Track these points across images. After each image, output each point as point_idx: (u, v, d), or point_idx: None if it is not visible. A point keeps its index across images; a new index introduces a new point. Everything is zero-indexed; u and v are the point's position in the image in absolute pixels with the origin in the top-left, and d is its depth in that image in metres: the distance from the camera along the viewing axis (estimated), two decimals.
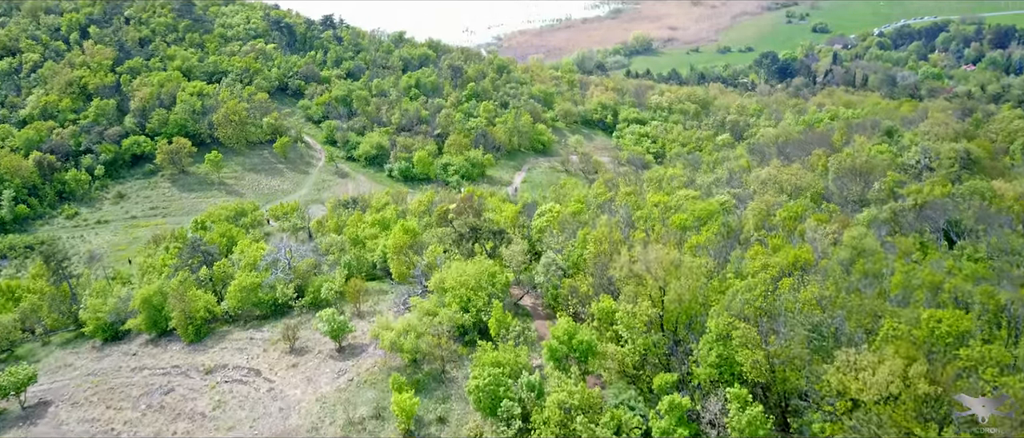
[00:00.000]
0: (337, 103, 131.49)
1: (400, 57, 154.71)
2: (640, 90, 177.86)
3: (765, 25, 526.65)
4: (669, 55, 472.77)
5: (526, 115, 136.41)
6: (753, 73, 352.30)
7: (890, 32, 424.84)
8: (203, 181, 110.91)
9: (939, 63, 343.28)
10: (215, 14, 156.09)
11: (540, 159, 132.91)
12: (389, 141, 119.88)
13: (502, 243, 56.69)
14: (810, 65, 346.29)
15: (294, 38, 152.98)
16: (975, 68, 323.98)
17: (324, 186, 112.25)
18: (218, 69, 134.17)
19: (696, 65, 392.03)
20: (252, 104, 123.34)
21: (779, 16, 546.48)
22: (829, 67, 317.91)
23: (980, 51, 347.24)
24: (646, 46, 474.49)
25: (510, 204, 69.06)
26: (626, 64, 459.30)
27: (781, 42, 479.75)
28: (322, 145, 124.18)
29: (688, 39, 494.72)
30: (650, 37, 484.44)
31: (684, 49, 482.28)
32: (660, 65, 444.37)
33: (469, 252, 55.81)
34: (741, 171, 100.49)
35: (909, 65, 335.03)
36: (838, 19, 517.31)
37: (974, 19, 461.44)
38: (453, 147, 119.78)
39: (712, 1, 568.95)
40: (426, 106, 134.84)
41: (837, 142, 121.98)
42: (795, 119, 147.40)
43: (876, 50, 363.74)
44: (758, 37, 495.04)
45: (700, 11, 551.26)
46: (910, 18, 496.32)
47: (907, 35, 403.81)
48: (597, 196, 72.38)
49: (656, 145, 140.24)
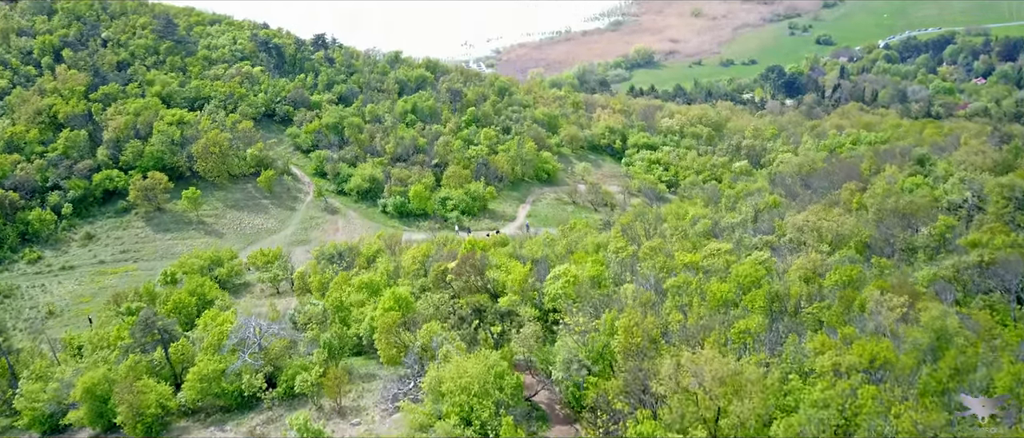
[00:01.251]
0: (327, 131, 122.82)
1: (396, 79, 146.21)
2: (648, 111, 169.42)
3: (767, 37, 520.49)
4: (671, 68, 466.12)
5: (529, 142, 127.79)
6: (759, 87, 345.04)
7: (896, 44, 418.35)
8: (180, 220, 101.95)
9: (949, 76, 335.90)
10: (200, 34, 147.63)
11: (545, 189, 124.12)
12: (383, 173, 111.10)
13: (511, 325, 47.75)
14: (817, 79, 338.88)
15: (283, 60, 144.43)
16: (986, 82, 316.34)
17: (312, 224, 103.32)
18: (200, 95, 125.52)
19: (700, 79, 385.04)
20: (235, 134, 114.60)
21: (781, 28, 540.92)
22: (837, 81, 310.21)
23: (989, 64, 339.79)
24: (648, 59, 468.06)
25: (517, 263, 60.10)
26: (627, 77, 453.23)
27: (784, 54, 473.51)
28: (311, 177, 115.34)
29: (690, 52, 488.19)
30: (651, 50, 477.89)
31: (686, 62, 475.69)
32: (662, 78, 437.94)
33: (471, 338, 46.84)
34: (768, 209, 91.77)
35: (919, 79, 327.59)
36: (841, 31, 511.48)
37: (979, 30, 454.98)
38: (452, 179, 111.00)
39: (713, 13, 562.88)
40: (423, 133, 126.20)
41: (866, 172, 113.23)
42: (815, 144, 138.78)
43: (883, 63, 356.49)
44: (760, 49, 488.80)
45: (701, 23, 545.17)
46: (914, 30, 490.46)
47: (913, 47, 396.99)
48: (617, 251, 63.44)
49: (669, 173, 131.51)
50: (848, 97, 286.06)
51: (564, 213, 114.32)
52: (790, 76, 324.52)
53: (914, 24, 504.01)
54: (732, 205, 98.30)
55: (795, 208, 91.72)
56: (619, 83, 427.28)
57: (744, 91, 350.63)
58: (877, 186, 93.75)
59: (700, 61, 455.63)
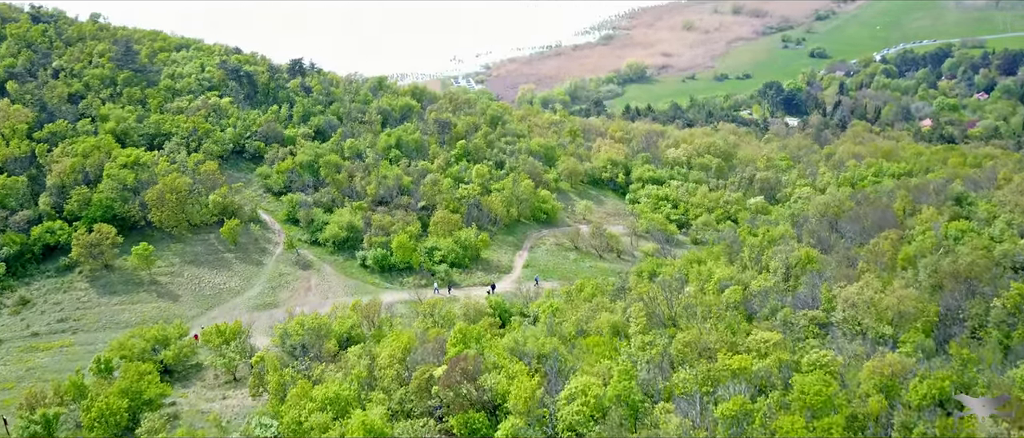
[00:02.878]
0: (302, 170, 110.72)
1: (378, 109, 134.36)
2: (650, 137, 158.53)
3: (760, 50, 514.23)
4: (664, 83, 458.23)
5: (525, 179, 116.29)
6: (756, 104, 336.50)
7: (892, 57, 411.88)
8: (129, 279, 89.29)
9: (950, 92, 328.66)
10: (164, 62, 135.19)
11: (544, 231, 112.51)
12: (363, 220, 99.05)
13: None
14: (815, 95, 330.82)
15: (255, 89, 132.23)
16: (989, 97, 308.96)
17: (281, 282, 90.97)
18: (161, 130, 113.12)
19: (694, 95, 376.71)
20: (198, 176, 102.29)
21: (774, 41, 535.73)
22: (837, 98, 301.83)
23: (990, 78, 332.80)
24: (640, 74, 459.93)
25: (520, 367, 48.25)
26: (620, 93, 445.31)
27: (778, 68, 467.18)
28: (282, 224, 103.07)
29: (683, 66, 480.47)
30: (644, 65, 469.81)
31: (679, 76, 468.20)
32: (656, 94, 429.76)
33: None
34: (801, 266, 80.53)
35: (920, 94, 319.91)
36: (835, 43, 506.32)
37: (975, 42, 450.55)
38: (440, 225, 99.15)
39: (705, 26, 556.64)
40: (408, 171, 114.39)
41: (899, 213, 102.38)
42: (834, 177, 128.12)
43: (883, 78, 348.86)
44: (754, 63, 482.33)
45: (694, 37, 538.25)
46: (909, 42, 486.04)
47: (911, 61, 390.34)
48: (643, 347, 51.71)
49: (678, 211, 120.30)
50: (850, 114, 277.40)
51: (566, 261, 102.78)
52: (789, 92, 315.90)
53: (908, 36, 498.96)
54: (757, 257, 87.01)
55: (833, 264, 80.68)
56: (612, 99, 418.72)
57: (741, 107, 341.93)
58: (925, 240, 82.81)
59: (694, 75, 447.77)
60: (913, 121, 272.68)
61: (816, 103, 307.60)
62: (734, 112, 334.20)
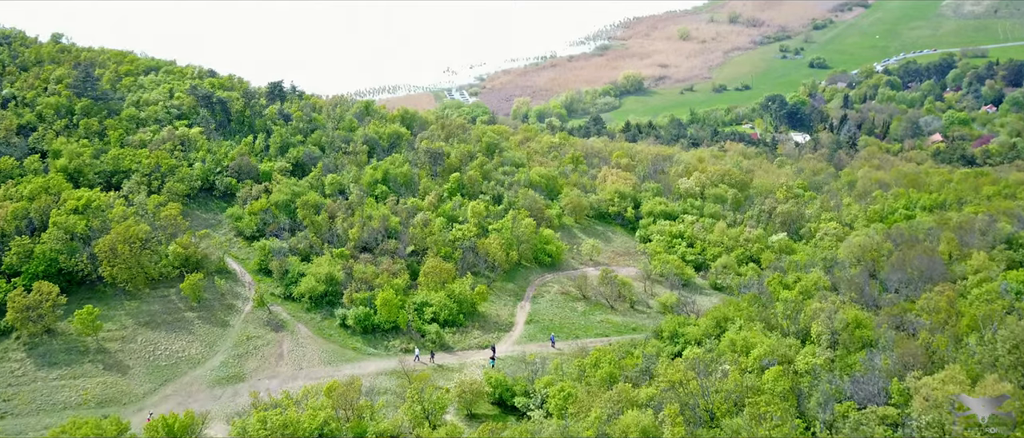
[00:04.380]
0: (277, 211, 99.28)
1: (365, 137, 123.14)
2: (657, 162, 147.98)
3: (758, 61, 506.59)
4: (662, 95, 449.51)
5: (526, 217, 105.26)
6: (758, 118, 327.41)
7: (895, 68, 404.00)
8: (73, 347, 77.47)
9: (957, 104, 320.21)
10: (128, 88, 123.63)
11: (547, 276, 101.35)
12: (343, 270, 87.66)
13: None
14: (819, 108, 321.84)
15: (228, 117, 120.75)
16: (998, 110, 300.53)
17: (249, 348, 79.32)
18: (120, 167, 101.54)
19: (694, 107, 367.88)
20: (158, 222, 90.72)
21: (772, 51, 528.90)
22: (843, 113, 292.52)
23: (998, 90, 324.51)
24: (637, 86, 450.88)
25: None
26: (617, 105, 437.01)
27: (777, 78, 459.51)
28: (253, 275, 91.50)
29: (680, 77, 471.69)
30: (641, 76, 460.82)
31: (677, 88, 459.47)
32: (654, 106, 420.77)
33: None
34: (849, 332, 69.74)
35: (926, 106, 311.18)
36: (833, 54, 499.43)
37: (977, 51, 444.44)
38: (432, 275, 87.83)
39: (702, 36, 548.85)
40: (396, 210, 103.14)
41: (945, 256, 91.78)
42: (862, 210, 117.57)
43: (887, 91, 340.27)
44: (752, 74, 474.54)
45: (690, 47, 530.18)
46: (909, 52, 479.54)
47: (914, 72, 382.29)
48: None
49: (694, 250, 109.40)
50: (857, 130, 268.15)
51: (574, 314, 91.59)
52: (792, 106, 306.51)
53: (908, 45, 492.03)
54: (791, 316, 76.08)
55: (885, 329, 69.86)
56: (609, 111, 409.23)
57: (743, 121, 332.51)
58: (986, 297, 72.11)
59: (692, 87, 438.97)
60: (923, 136, 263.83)
61: (821, 117, 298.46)
62: (736, 126, 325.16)
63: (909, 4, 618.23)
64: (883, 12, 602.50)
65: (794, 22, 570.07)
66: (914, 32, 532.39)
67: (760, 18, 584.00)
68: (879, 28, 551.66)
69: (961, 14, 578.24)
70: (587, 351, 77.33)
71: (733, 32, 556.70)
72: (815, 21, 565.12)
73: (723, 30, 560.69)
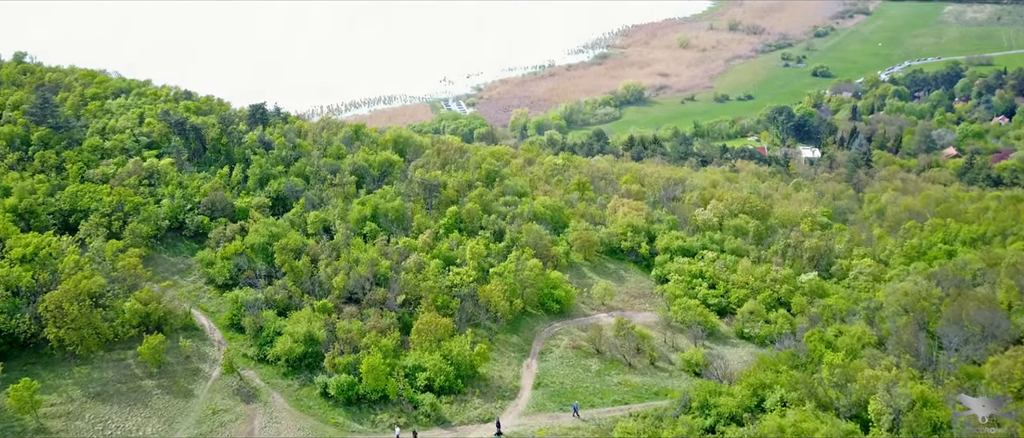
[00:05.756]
0: (253, 255, 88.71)
1: (353, 166, 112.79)
2: (669, 188, 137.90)
3: (760, 69, 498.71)
4: (663, 104, 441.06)
5: (531, 256, 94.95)
6: (764, 130, 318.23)
7: (900, 77, 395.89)
8: (9, 426, 66.72)
9: (968, 115, 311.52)
10: (93, 113, 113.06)
11: (556, 326, 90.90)
12: (325, 328, 77.09)
13: None
14: (827, 119, 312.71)
15: (203, 145, 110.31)
16: (1011, 122, 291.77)
17: (216, 424, 68.53)
18: (77, 205, 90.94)
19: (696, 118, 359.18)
20: (116, 272, 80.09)
21: (773, 59, 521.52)
22: (852, 126, 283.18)
23: (1009, 101, 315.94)
24: (638, 95, 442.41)
25: None
26: (618, 116, 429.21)
27: (780, 87, 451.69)
28: (223, 331, 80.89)
29: (681, 87, 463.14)
30: (641, 85, 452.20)
31: (678, 97, 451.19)
32: (655, 116, 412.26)
33: None
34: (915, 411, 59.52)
35: (937, 118, 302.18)
36: (836, 62, 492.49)
37: (982, 59, 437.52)
38: (426, 333, 77.32)
39: (702, 44, 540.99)
40: (386, 251, 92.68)
41: (1004, 305, 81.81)
42: (898, 245, 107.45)
43: (895, 101, 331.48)
44: (754, 83, 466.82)
45: (690, 55, 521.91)
46: (912, 60, 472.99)
47: (921, 81, 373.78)
48: None
49: (716, 292, 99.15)
50: (867, 143, 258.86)
51: (587, 374, 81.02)
52: (800, 118, 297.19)
53: (911, 53, 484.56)
54: (841, 385, 65.81)
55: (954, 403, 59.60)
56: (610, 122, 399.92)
57: (748, 133, 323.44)
58: None
59: (693, 97, 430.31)
60: (937, 150, 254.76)
61: (829, 129, 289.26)
62: (742, 138, 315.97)
63: (911, 11, 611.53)
64: (885, 19, 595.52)
65: (795, 29, 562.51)
66: (917, 40, 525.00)
67: (760, 25, 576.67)
68: (881, 35, 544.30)
69: (963, 21, 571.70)
70: (604, 427, 67.02)
71: (733, 40, 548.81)
72: (816, 28, 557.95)
73: (723, 38, 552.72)
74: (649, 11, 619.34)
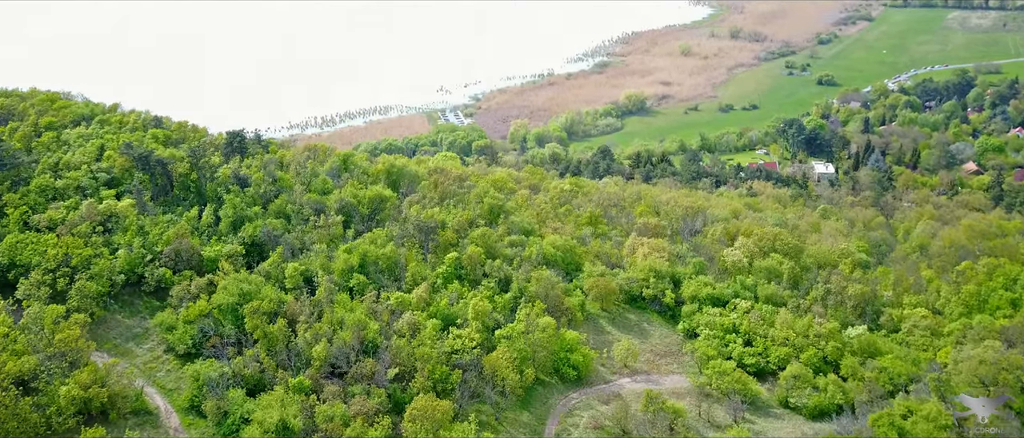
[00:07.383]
0: (221, 317, 76.14)
1: (340, 202, 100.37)
2: (689, 220, 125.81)
3: (763, 78, 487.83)
4: (665, 114, 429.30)
5: (543, 313, 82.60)
6: (773, 143, 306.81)
7: (910, 86, 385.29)
8: None
9: (983, 126, 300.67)
10: (46, 146, 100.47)
11: (573, 397, 78.57)
12: (302, 413, 64.58)
13: None
14: (838, 131, 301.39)
15: (170, 182, 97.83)
16: None
17: None
18: (16, 260, 78.33)
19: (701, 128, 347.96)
20: (54, 348, 67.46)
21: (777, 67, 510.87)
22: (866, 139, 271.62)
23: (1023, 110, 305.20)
24: (640, 105, 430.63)
25: None
26: (620, 127, 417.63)
27: (785, 97, 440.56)
28: (181, 415, 68.27)
29: (684, 96, 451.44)
30: (643, 95, 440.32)
31: (681, 107, 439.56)
32: (658, 127, 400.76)
33: None
34: None
35: (953, 130, 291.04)
36: (841, 70, 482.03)
37: (990, 67, 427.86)
38: (421, 420, 64.84)
39: (703, 52, 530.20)
40: (376, 309, 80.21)
41: None
42: (955, 293, 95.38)
43: (907, 112, 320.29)
44: (758, 92, 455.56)
45: (693, 64, 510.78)
46: (919, 68, 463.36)
47: (932, 91, 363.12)
48: None
49: (753, 349, 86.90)
50: (882, 157, 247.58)
51: None
52: (811, 131, 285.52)
53: (917, 61, 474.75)
54: None
55: None
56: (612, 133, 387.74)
57: (756, 146, 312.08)
58: None
59: (696, 106, 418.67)
60: (957, 166, 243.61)
61: (841, 142, 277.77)
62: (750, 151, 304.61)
63: (914, 17, 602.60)
64: (888, 25, 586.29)
65: (797, 36, 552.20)
66: (922, 47, 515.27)
67: (762, 33, 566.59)
68: (885, 42, 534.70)
69: (968, 28, 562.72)
70: None
71: (735, 47, 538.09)
72: (819, 35, 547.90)
73: (725, 45, 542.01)
74: (649, 18, 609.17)
